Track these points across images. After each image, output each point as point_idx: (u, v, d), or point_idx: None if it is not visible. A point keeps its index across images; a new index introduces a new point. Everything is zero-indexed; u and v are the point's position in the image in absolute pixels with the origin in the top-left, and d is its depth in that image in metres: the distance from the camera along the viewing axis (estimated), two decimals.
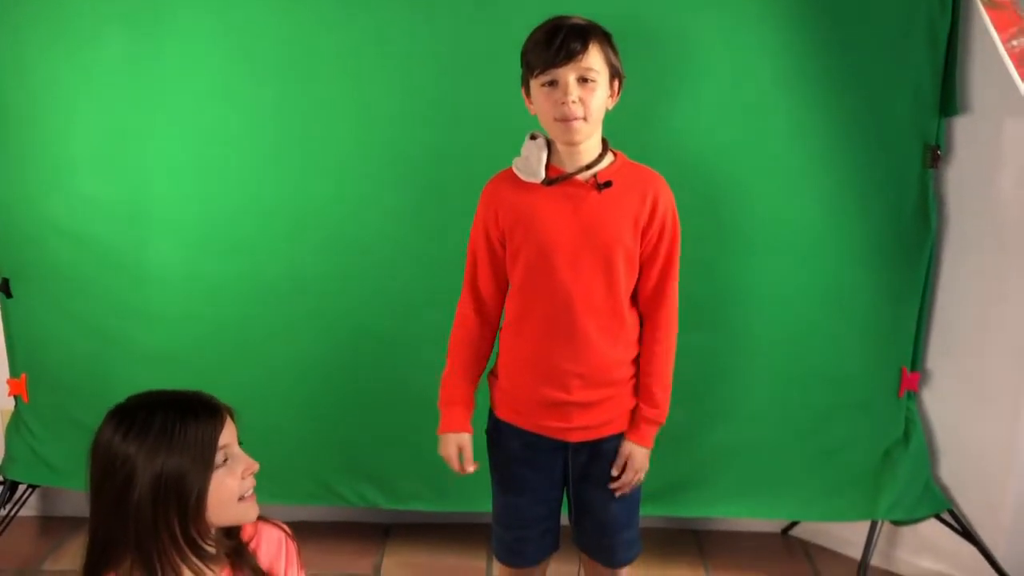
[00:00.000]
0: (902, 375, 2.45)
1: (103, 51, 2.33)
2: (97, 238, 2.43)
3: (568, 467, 1.91)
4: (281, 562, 1.55)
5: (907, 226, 2.35)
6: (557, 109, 1.70)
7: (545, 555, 2.00)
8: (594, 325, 1.80)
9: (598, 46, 1.71)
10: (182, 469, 1.35)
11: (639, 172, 1.82)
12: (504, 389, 1.91)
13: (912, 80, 2.27)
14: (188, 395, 1.45)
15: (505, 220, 1.81)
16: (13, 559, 2.66)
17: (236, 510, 1.43)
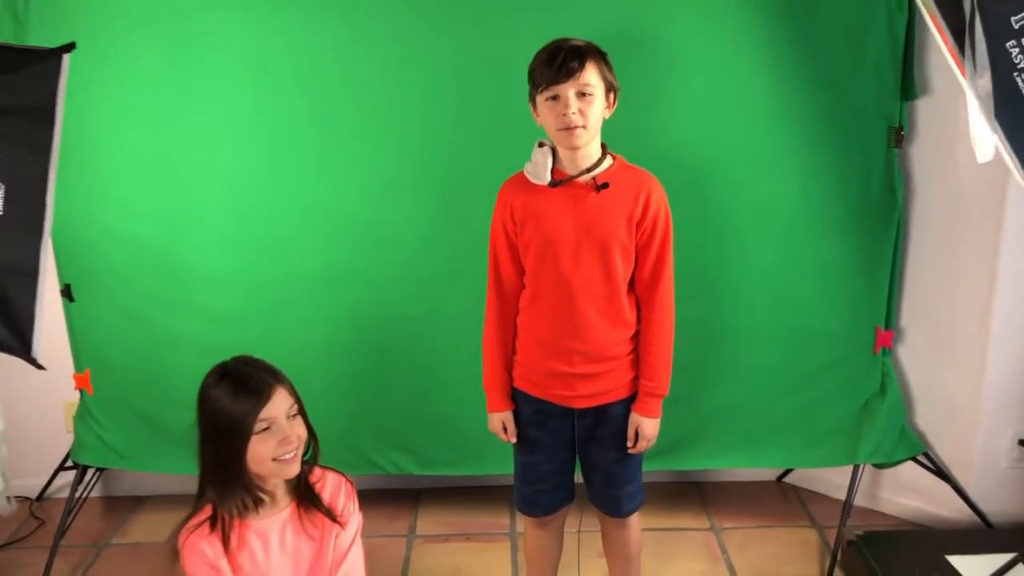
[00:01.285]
0: (877, 334, 2.71)
1: (145, 74, 2.55)
2: (148, 243, 2.67)
3: (575, 429, 2.17)
4: (340, 499, 1.87)
5: (876, 200, 2.60)
6: (560, 120, 1.94)
7: (559, 506, 2.27)
8: (593, 309, 2.05)
9: (594, 64, 1.94)
10: (230, 429, 1.68)
11: (634, 174, 2.05)
12: (519, 362, 2.17)
13: (875, 68, 2.50)
14: (255, 370, 1.75)
15: (518, 217, 2.07)
16: (85, 536, 2.95)
17: (271, 467, 1.73)
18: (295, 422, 1.76)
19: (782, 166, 2.59)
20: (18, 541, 2.95)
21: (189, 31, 2.53)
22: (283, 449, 1.73)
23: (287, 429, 1.73)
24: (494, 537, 2.91)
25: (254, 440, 1.70)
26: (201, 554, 1.71)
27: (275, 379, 1.76)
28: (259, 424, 1.70)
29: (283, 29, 2.55)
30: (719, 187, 2.59)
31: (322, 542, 1.83)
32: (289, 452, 1.74)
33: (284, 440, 1.72)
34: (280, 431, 1.72)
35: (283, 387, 1.76)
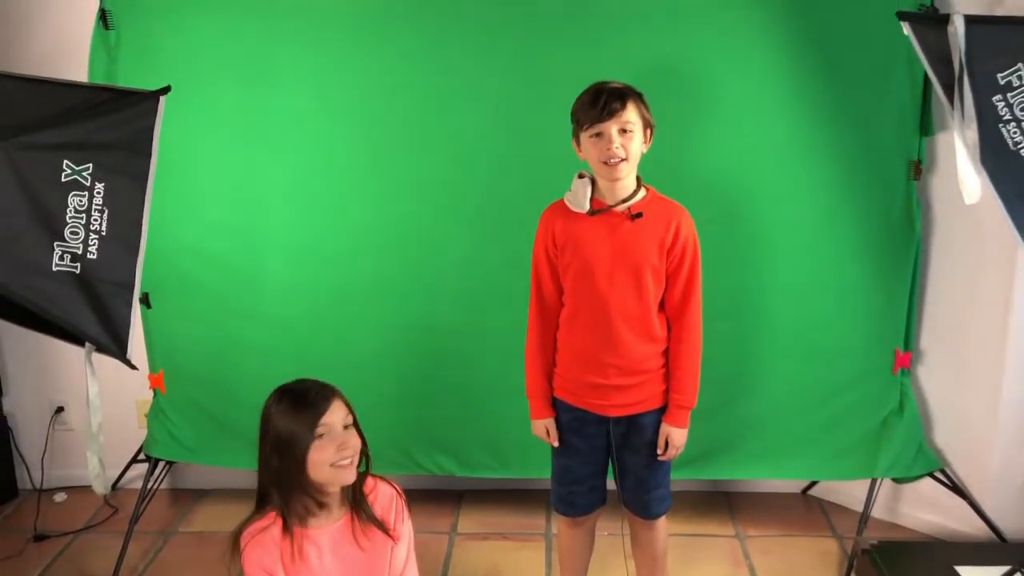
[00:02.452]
0: (895, 355, 2.85)
1: (221, 102, 2.82)
2: (218, 255, 2.93)
3: (610, 437, 2.36)
4: (391, 513, 2.01)
5: (896, 229, 2.76)
6: (604, 154, 2.14)
7: (592, 507, 2.45)
8: (626, 327, 2.23)
9: (633, 104, 2.14)
10: (291, 438, 1.84)
11: (666, 205, 2.24)
12: (559, 374, 2.37)
13: (895, 106, 2.67)
14: (313, 385, 1.91)
15: (559, 241, 2.26)
16: (154, 523, 3.20)
17: (329, 473, 1.88)
18: (350, 432, 1.91)
19: (807, 196, 2.76)
20: (95, 526, 3.22)
21: (263, 65, 2.79)
22: (341, 455, 1.87)
23: (344, 436, 1.89)
24: (530, 537, 3.11)
25: (314, 446, 1.85)
26: (260, 558, 1.87)
27: (331, 392, 1.92)
28: (319, 430, 1.85)
29: (345, 65, 2.80)
30: (749, 215, 2.77)
31: (373, 552, 1.97)
32: (346, 458, 1.88)
33: (342, 445, 1.87)
34: (338, 437, 1.87)
35: (338, 399, 1.92)
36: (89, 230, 1.99)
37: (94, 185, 2.00)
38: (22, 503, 3.39)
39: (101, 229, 2.01)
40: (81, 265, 1.99)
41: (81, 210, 1.99)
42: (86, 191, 1.99)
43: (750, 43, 2.68)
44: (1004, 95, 1.86)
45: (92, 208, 2.00)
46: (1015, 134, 1.91)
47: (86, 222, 1.99)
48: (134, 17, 2.79)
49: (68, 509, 3.34)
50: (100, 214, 2.01)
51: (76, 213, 1.98)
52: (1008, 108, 1.87)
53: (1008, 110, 1.87)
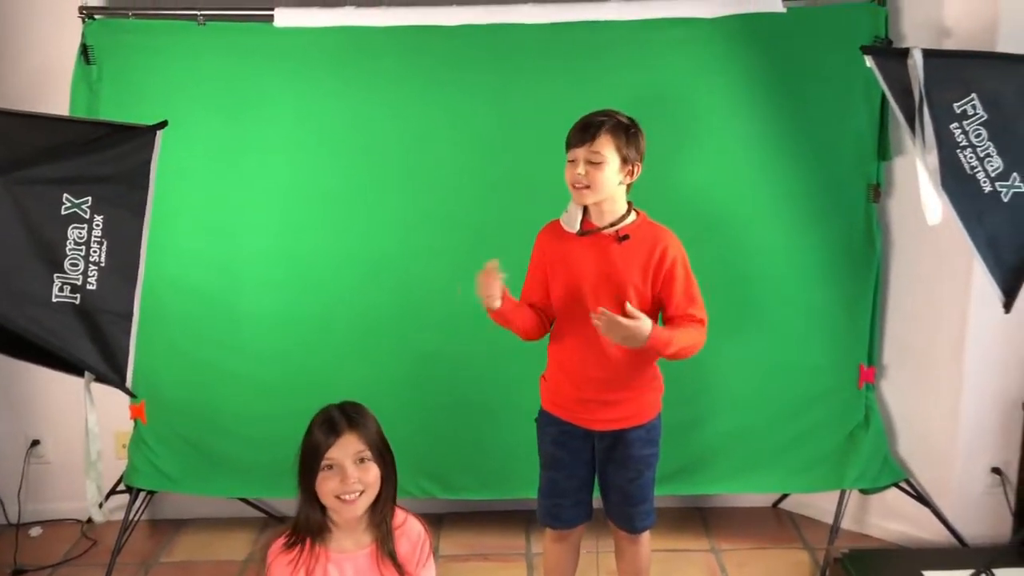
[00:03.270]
0: (860, 370, 2.98)
1: (201, 135, 2.86)
2: (200, 287, 2.97)
3: (595, 451, 2.43)
4: (416, 552, 1.99)
5: (857, 250, 2.89)
6: (570, 178, 2.26)
7: (578, 521, 2.50)
8: (612, 343, 2.30)
9: (609, 136, 2.22)
10: (302, 463, 1.89)
11: (654, 229, 2.33)
12: (548, 388, 2.44)
13: (854, 134, 2.82)
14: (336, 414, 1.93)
15: (549, 257, 2.36)
16: (135, 555, 3.19)
17: (334, 503, 1.89)
18: (364, 467, 1.89)
19: (774, 220, 2.89)
20: (73, 559, 3.21)
21: (243, 99, 2.86)
22: (343, 489, 1.87)
23: (350, 471, 1.87)
24: (511, 558, 3.16)
25: (320, 477, 1.88)
26: (284, 573, 1.90)
27: (350, 424, 1.91)
28: (324, 462, 1.87)
29: (325, 98, 2.88)
30: (720, 238, 2.88)
31: None
32: (350, 494, 1.88)
33: (345, 480, 1.86)
34: (341, 472, 1.87)
35: (356, 432, 1.90)
36: (88, 261, 2.03)
37: (93, 217, 2.04)
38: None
39: (100, 260, 2.05)
40: (81, 296, 2.03)
41: (80, 242, 2.03)
42: (85, 223, 2.03)
43: (715, 78, 2.82)
44: (960, 123, 1.99)
45: (91, 240, 2.04)
46: (971, 159, 2.05)
47: (85, 254, 2.03)
48: (115, 52, 2.84)
49: (45, 543, 3.32)
50: (99, 246, 2.05)
51: (76, 245, 2.02)
52: (964, 135, 2.01)
53: (964, 137, 2.01)
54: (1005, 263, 2.13)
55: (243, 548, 3.24)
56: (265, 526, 3.35)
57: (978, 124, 2.04)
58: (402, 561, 1.96)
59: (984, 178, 2.06)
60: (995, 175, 2.06)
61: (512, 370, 2.81)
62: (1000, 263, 2.13)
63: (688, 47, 2.79)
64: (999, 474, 2.98)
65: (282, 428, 2.98)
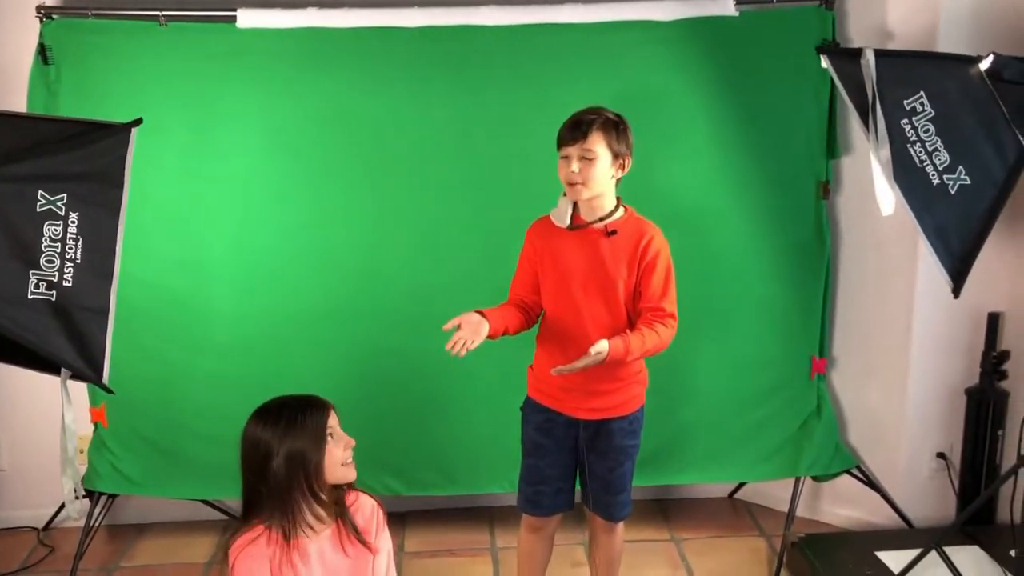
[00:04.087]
0: (812, 362, 3.09)
1: (163, 135, 2.84)
2: (164, 285, 2.95)
3: (579, 439, 2.47)
4: (373, 524, 2.09)
5: (808, 246, 3.01)
6: (564, 176, 2.31)
7: (558, 509, 2.54)
8: (598, 335, 2.33)
9: (601, 134, 2.28)
10: (306, 446, 1.92)
11: (640, 224, 2.40)
12: (535, 376, 2.49)
13: (804, 133, 2.93)
14: (304, 397, 2.00)
15: (539, 251, 2.41)
16: (94, 560, 3.16)
17: (341, 471, 1.99)
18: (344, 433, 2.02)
19: (729, 217, 2.99)
20: (31, 567, 3.16)
21: (208, 100, 2.86)
22: (348, 453, 1.99)
23: (345, 435, 2.00)
24: (477, 552, 3.20)
25: (328, 449, 1.95)
26: (251, 570, 1.91)
27: (318, 397, 2.02)
28: (328, 431, 1.96)
29: (288, 98, 2.89)
30: (676, 236, 2.90)
31: (357, 560, 2.03)
32: (351, 456, 2.00)
33: (348, 443, 1.98)
34: (341, 437, 1.99)
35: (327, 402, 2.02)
36: (64, 258, 2.03)
37: (68, 215, 2.04)
38: None
39: (76, 257, 2.04)
40: (57, 292, 2.03)
41: (56, 239, 2.02)
42: (61, 220, 2.03)
43: (673, 77, 2.90)
44: (910, 119, 2.10)
45: (67, 237, 2.04)
46: (920, 153, 2.17)
47: (61, 250, 2.03)
48: (74, 53, 2.81)
49: (1, 551, 3.26)
50: (75, 243, 2.04)
51: (51, 242, 2.01)
52: (914, 130, 2.12)
53: (914, 132, 2.12)
54: (953, 251, 2.24)
55: (205, 551, 3.22)
56: (227, 528, 3.33)
57: (926, 120, 2.16)
58: (363, 530, 2.05)
59: (932, 171, 2.18)
60: (943, 168, 2.17)
61: (476, 365, 2.83)
62: (948, 251, 2.25)
63: (645, 49, 2.87)
64: (944, 458, 3.12)
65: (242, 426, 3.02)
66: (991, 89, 2.17)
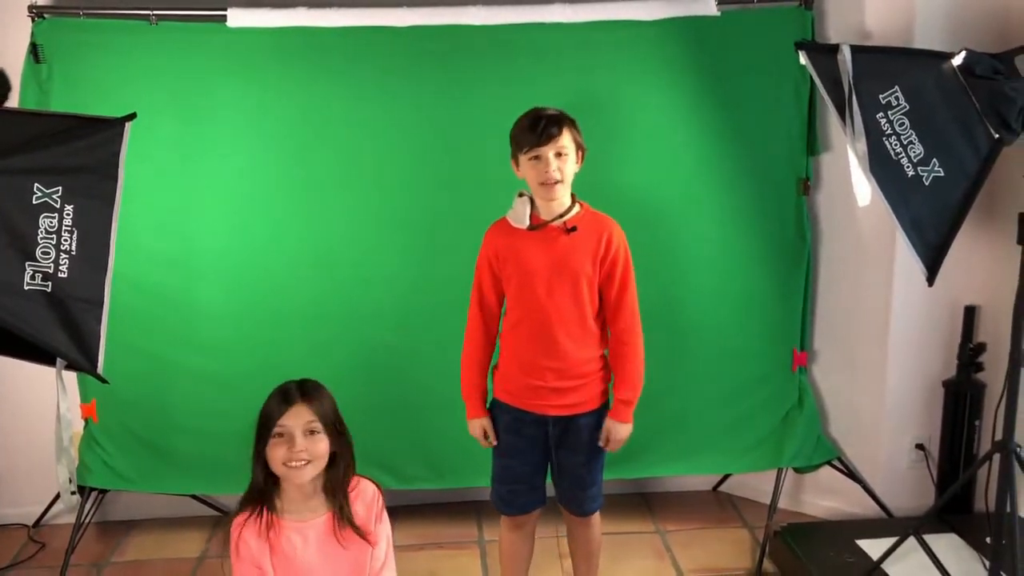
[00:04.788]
0: (794, 355, 3.15)
1: (153, 133, 2.86)
2: (154, 283, 2.98)
3: (548, 437, 2.53)
4: (373, 510, 2.13)
5: (789, 240, 3.07)
6: (541, 176, 2.34)
7: (533, 506, 2.59)
8: (564, 332, 2.41)
9: (568, 130, 2.34)
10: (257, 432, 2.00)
11: (598, 218, 2.45)
12: (501, 376, 2.52)
13: (784, 130, 2.99)
14: (291, 387, 2.04)
15: (501, 255, 2.44)
16: (85, 556, 3.18)
17: (282, 470, 2.01)
18: (313, 438, 2.01)
19: (711, 212, 3.04)
20: (22, 563, 3.18)
21: (198, 99, 2.89)
22: (289, 456, 1.98)
23: (298, 440, 1.98)
24: (464, 545, 3.24)
25: (271, 443, 1.99)
26: (247, 546, 1.99)
27: (303, 396, 2.02)
28: (276, 429, 1.99)
29: (276, 95, 2.93)
30: (659, 230, 3.02)
31: (354, 550, 2.08)
32: (296, 461, 1.99)
33: (290, 448, 1.98)
34: (290, 440, 1.98)
35: (307, 405, 2.02)
36: (60, 250, 2.06)
37: (63, 207, 2.07)
38: None
39: (71, 249, 2.08)
40: (52, 283, 2.06)
41: (51, 231, 2.05)
42: (56, 213, 2.06)
43: (652, 77, 2.96)
44: (885, 113, 2.16)
45: (62, 229, 2.07)
46: (895, 146, 2.23)
47: (56, 242, 2.06)
48: (66, 51, 2.84)
49: None
50: (70, 235, 2.08)
51: (47, 234, 2.04)
52: (889, 124, 2.18)
53: (889, 125, 2.18)
54: (928, 242, 2.31)
55: (196, 546, 3.25)
56: (217, 524, 3.36)
57: (901, 114, 2.22)
58: (360, 523, 2.08)
59: (907, 163, 2.25)
60: (917, 160, 2.24)
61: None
62: (923, 241, 2.31)
63: (629, 48, 2.92)
64: (922, 449, 3.18)
65: (234, 422, 3.02)
66: (963, 84, 2.24)
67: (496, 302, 2.49)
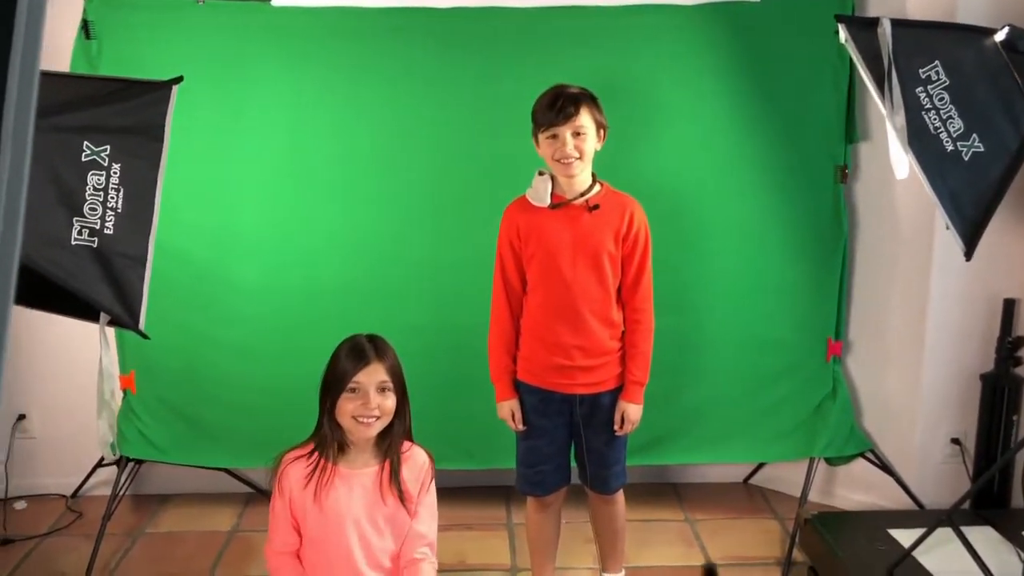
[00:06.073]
0: (828, 344, 3.13)
1: (197, 110, 2.92)
2: (193, 257, 3.05)
3: (574, 415, 2.53)
4: (419, 479, 2.16)
5: (825, 228, 3.05)
6: (558, 154, 2.35)
7: (559, 485, 2.60)
8: (588, 310, 2.43)
9: (587, 108, 2.35)
10: (329, 382, 2.04)
11: (620, 197, 2.46)
12: (524, 357, 2.53)
13: (822, 116, 2.98)
14: (367, 344, 2.09)
15: (523, 233, 2.45)
16: (120, 526, 3.24)
17: (350, 423, 2.06)
18: (384, 395, 2.07)
19: (745, 199, 3.04)
20: (60, 530, 3.24)
21: (242, 77, 2.96)
22: (363, 411, 2.04)
23: (372, 397, 2.04)
24: (493, 527, 3.25)
25: (343, 397, 2.04)
26: (286, 480, 2.06)
27: (378, 355, 2.08)
28: (351, 384, 2.04)
29: (316, 77, 2.99)
30: (693, 216, 3.03)
31: (393, 509, 2.11)
32: (367, 417, 2.04)
33: (364, 404, 2.03)
34: (364, 396, 2.04)
35: (382, 363, 2.07)
36: (106, 207, 2.12)
37: (111, 165, 2.13)
38: None
39: (117, 206, 2.13)
40: (98, 239, 2.11)
41: (99, 188, 2.11)
42: (104, 171, 2.12)
43: (691, 62, 2.97)
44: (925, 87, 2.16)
45: (109, 186, 2.13)
46: (934, 121, 2.22)
47: (103, 199, 2.11)
48: (115, 28, 2.92)
49: (30, 516, 3.35)
50: (116, 192, 2.13)
51: (94, 191, 2.10)
52: (929, 98, 2.17)
53: (929, 100, 2.17)
54: (966, 216, 2.29)
55: (228, 520, 3.30)
56: (249, 500, 3.41)
57: (941, 88, 2.21)
58: (405, 487, 2.10)
59: (946, 138, 2.23)
60: (956, 135, 2.23)
61: None
62: (961, 216, 2.29)
63: (667, 33, 2.94)
64: (958, 444, 3.14)
65: (268, 398, 3.11)
66: (1006, 60, 2.23)
67: (519, 282, 2.50)
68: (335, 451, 2.07)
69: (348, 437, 2.09)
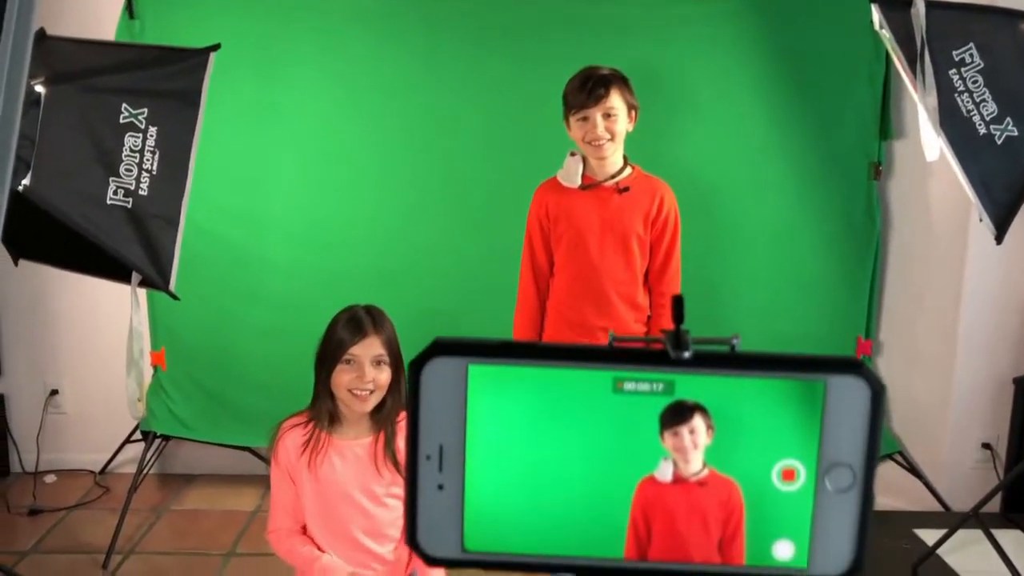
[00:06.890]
0: (858, 342, 3.10)
1: (234, 92, 2.98)
2: (226, 238, 3.09)
3: None
4: None
5: (857, 225, 3.03)
6: (589, 135, 2.36)
7: None
8: (615, 292, 2.43)
9: (618, 90, 2.36)
10: (325, 352, 2.02)
11: (650, 180, 2.46)
12: (549, 336, 2.53)
13: (857, 111, 2.97)
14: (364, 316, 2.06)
15: (552, 213, 2.46)
16: (146, 502, 3.28)
17: (345, 395, 2.02)
18: (379, 369, 2.02)
19: (777, 194, 3.03)
20: (87, 503, 3.29)
21: (276, 60, 3.01)
22: (358, 384, 2.00)
23: (367, 370, 2.00)
24: None
25: (338, 368, 2.01)
26: (285, 450, 2.04)
27: (375, 327, 2.04)
28: (346, 356, 2.01)
29: (352, 63, 3.03)
30: (723, 208, 3.02)
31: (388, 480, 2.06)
32: (362, 390, 2.00)
33: (359, 377, 2.00)
34: (359, 369, 2.00)
35: (378, 336, 2.03)
36: (142, 168, 2.16)
37: (148, 128, 2.17)
38: (13, 483, 3.44)
39: (152, 168, 2.17)
40: (133, 200, 2.15)
41: (135, 150, 2.15)
42: (140, 133, 2.16)
43: (726, 54, 2.97)
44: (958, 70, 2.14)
45: (145, 149, 2.17)
46: (967, 103, 2.20)
47: (139, 161, 2.16)
48: (157, 8, 2.98)
49: (59, 489, 3.40)
50: (152, 155, 2.17)
51: (131, 152, 2.15)
52: (962, 81, 2.15)
53: (962, 82, 2.15)
54: (997, 200, 2.26)
55: (251, 500, 3.32)
56: None
57: (975, 71, 2.19)
58: (400, 458, 2.07)
59: (979, 121, 2.21)
60: (990, 119, 2.20)
61: None
62: (992, 199, 2.26)
63: (703, 24, 2.95)
64: (989, 449, 3.09)
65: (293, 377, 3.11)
66: None
67: (547, 263, 2.50)
68: (329, 422, 2.06)
69: (342, 408, 2.07)
